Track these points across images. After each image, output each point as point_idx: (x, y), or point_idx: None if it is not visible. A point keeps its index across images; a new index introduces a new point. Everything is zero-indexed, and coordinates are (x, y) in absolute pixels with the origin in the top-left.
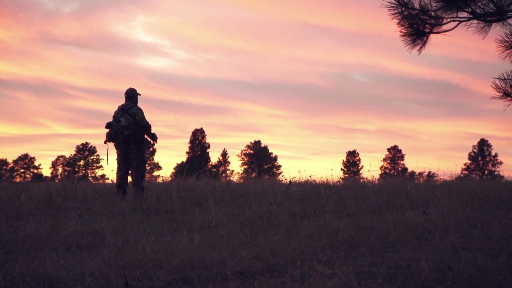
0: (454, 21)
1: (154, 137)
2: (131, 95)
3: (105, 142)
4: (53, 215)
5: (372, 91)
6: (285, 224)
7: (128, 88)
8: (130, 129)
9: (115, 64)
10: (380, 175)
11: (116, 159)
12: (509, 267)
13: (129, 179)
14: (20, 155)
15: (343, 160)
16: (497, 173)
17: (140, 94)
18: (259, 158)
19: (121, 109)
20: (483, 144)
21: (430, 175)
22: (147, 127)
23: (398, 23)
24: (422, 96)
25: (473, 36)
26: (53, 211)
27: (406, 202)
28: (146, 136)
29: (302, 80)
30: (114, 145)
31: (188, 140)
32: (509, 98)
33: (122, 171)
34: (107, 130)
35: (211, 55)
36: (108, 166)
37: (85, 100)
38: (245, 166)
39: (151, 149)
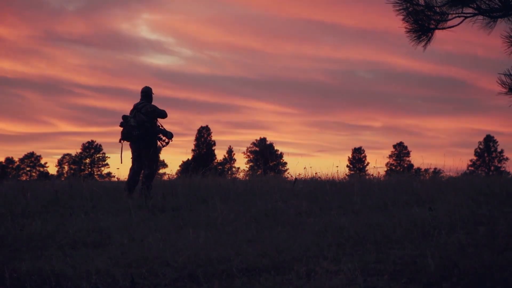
0: (459, 17)
1: (168, 135)
2: (147, 94)
3: (120, 141)
4: (59, 213)
5: (377, 87)
6: (291, 221)
7: (144, 86)
8: (140, 129)
9: (120, 62)
10: (386, 171)
11: (131, 158)
12: None
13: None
14: (26, 153)
15: (348, 157)
16: (503, 169)
17: (154, 94)
18: (265, 155)
19: (135, 108)
20: (489, 140)
21: (436, 172)
22: (163, 113)
23: (403, 19)
24: (427, 92)
25: (478, 32)
26: (59, 209)
27: (411, 199)
28: (160, 135)
29: (308, 77)
30: (129, 144)
31: (193, 137)
32: None
33: (134, 170)
34: (122, 128)
35: (216, 52)
36: (122, 164)
37: (90, 98)
38: (251, 164)
39: (165, 146)
